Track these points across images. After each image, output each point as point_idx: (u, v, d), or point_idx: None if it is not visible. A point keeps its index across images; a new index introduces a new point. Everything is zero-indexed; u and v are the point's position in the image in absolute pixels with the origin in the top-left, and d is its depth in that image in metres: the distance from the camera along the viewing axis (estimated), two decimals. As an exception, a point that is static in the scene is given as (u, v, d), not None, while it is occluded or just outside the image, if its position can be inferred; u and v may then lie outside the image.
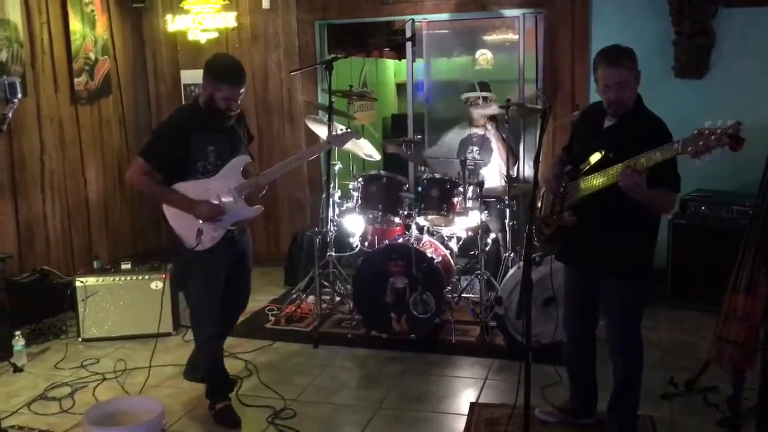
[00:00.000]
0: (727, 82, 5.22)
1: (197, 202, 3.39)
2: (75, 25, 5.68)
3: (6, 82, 4.99)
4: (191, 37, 6.40)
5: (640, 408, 3.28)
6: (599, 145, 3.02)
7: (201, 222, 3.39)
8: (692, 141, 2.67)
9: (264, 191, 3.61)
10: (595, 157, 3.01)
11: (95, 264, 5.05)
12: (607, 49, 3.03)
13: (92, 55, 5.89)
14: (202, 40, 6.39)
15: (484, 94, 5.30)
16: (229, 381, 3.82)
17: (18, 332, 4.38)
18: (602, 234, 3.07)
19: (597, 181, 2.97)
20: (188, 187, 3.42)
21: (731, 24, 5.18)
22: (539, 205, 3.30)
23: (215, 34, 6.37)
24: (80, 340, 4.73)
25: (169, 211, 3.46)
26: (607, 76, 2.96)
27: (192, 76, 6.52)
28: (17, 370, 4.28)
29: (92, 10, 5.88)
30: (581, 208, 3.09)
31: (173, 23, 6.42)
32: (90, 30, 5.86)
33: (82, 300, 4.71)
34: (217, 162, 3.46)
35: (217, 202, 3.42)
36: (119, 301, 4.73)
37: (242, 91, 3.42)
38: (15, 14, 5.11)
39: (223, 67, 3.42)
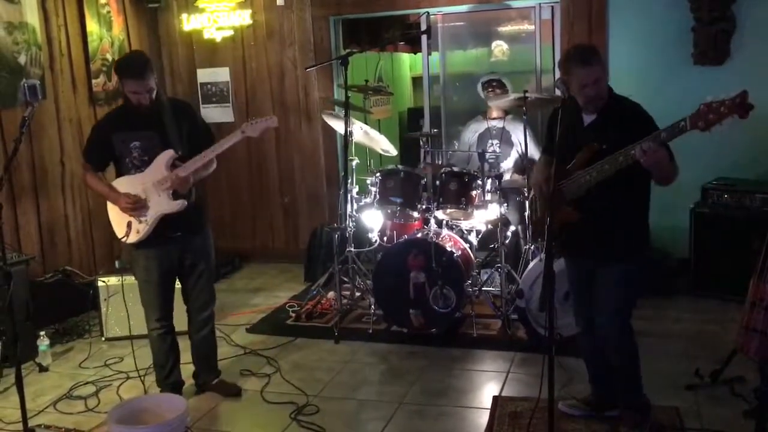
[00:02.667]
0: (748, 68, 5.13)
1: (117, 194, 3.58)
2: (92, 26, 5.72)
3: (26, 85, 5.09)
4: (207, 35, 6.41)
5: (665, 399, 3.25)
6: (587, 141, 3.05)
7: (129, 215, 3.58)
8: (701, 115, 2.69)
9: (188, 184, 3.58)
10: (588, 151, 3.03)
11: (117, 264, 5.09)
12: (576, 51, 3.10)
13: (109, 56, 5.92)
14: (218, 39, 6.40)
15: (500, 77, 5.25)
16: (172, 381, 3.85)
17: (42, 332, 4.43)
18: (598, 221, 3.09)
19: (603, 168, 2.96)
20: (122, 182, 3.63)
21: (752, 9, 5.08)
22: (533, 208, 3.32)
23: (230, 32, 6.38)
24: (103, 339, 4.78)
25: (108, 204, 3.69)
26: (584, 76, 3.01)
27: (208, 74, 6.56)
28: (42, 369, 4.34)
29: (108, 11, 5.91)
30: (578, 200, 3.10)
31: (188, 22, 6.44)
32: (106, 31, 5.89)
33: (105, 299, 4.75)
34: (143, 157, 3.58)
35: (138, 195, 3.55)
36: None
37: (149, 83, 3.50)
38: (33, 17, 5.15)
39: (124, 62, 3.64)
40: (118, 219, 3.66)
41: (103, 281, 4.77)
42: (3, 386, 4.09)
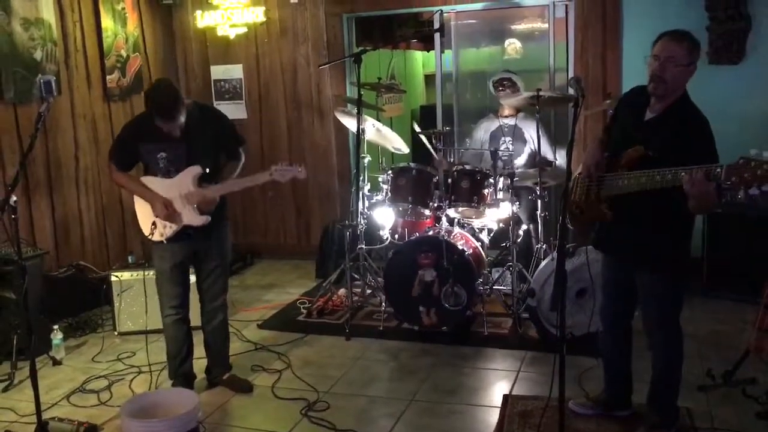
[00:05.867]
0: (763, 67, 5.10)
1: (154, 195, 3.62)
2: (107, 22, 5.75)
3: (41, 80, 5.12)
4: (220, 32, 6.44)
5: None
6: (639, 139, 2.94)
7: (156, 217, 3.65)
8: (737, 170, 2.48)
9: (214, 204, 3.68)
10: (634, 152, 2.92)
11: (130, 259, 5.12)
12: (675, 30, 2.94)
13: (124, 53, 5.95)
14: (231, 36, 6.43)
15: (512, 75, 5.23)
16: (184, 372, 3.89)
17: (56, 326, 4.46)
18: (638, 228, 3.03)
19: (639, 181, 2.86)
20: (152, 182, 3.68)
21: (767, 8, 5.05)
22: (573, 187, 3.24)
23: (244, 29, 6.40)
24: (116, 333, 4.81)
25: (136, 199, 3.76)
26: (659, 47, 2.89)
27: (222, 71, 6.58)
28: (56, 363, 4.37)
29: (123, 8, 5.94)
30: (617, 199, 3.04)
31: (202, 19, 6.47)
32: (121, 27, 5.93)
33: (118, 294, 4.79)
34: (169, 167, 3.63)
35: (173, 202, 3.63)
36: (154, 295, 4.76)
37: (179, 122, 3.51)
38: (49, 13, 5.19)
39: (155, 100, 3.49)
40: (144, 216, 3.73)
41: (116, 276, 4.81)
42: (17, 379, 4.12)
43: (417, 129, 5.10)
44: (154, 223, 3.66)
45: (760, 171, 2.43)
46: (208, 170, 3.63)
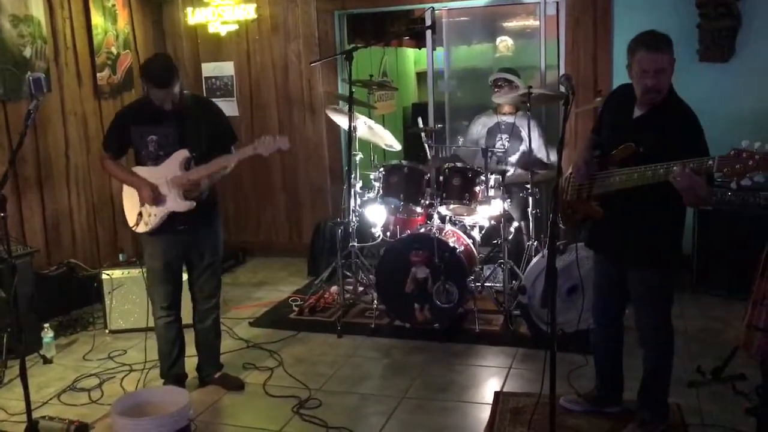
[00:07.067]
0: (753, 66, 5.13)
1: (142, 181, 3.62)
2: (97, 19, 5.72)
3: (31, 78, 5.10)
4: (211, 29, 6.42)
5: (666, 396, 3.25)
6: (629, 137, 2.96)
7: (141, 206, 3.65)
8: (728, 161, 2.52)
9: (198, 188, 3.63)
10: (625, 150, 2.94)
11: (121, 257, 5.11)
12: (646, 34, 2.94)
13: (114, 50, 5.93)
14: (222, 33, 6.41)
15: (509, 76, 5.24)
16: (175, 372, 3.89)
17: (46, 324, 4.45)
18: (629, 223, 3.04)
19: (630, 178, 2.89)
20: (140, 171, 3.68)
21: (758, 7, 5.07)
22: (564, 187, 3.26)
23: (235, 26, 6.38)
24: (107, 331, 4.80)
25: (123, 191, 3.78)
26: (647, 62, 2.87)
27: (213, 68, 6.56)
28: (47, 361, 4.36)
29: (113, 5, 5.91)
30: (608, 197, 3.05)
31: (193, 16, 6.44)
32: (111, 24, 5.90)
33: (109, 292, 4.77)
34: (158, 151, 3.62)
35: (159, 186, 3.62)
36: (145, 293, 4.76)
37: (173, 91, 3.52)
38: (38, 10, 5.16)
39: (150, 70, 3.56)
40: (131, 207, 3.72)
41: (107, 274, 4.79)
42: (7, 378, 4.11)
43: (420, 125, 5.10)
44: (140, 213, 3.65)
45: (751, 161, 2.47)
46: (194, 155, 3.60)
